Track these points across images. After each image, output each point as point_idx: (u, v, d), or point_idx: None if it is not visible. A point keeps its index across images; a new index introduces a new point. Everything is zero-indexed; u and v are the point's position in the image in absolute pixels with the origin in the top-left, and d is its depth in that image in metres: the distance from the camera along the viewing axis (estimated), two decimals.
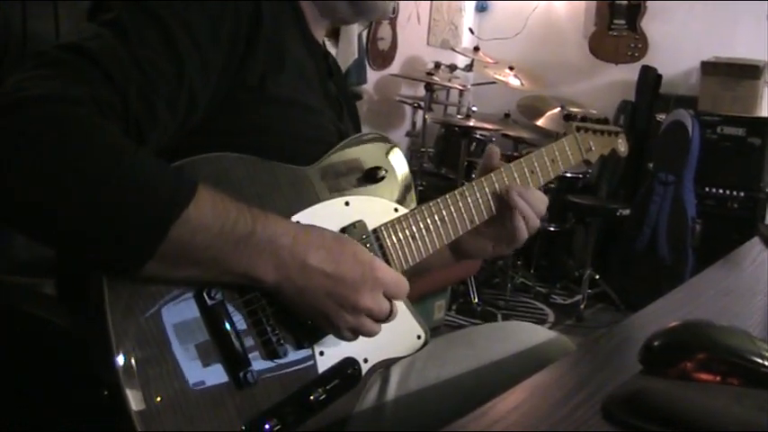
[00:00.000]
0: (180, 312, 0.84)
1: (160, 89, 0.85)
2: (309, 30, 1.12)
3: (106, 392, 0.78)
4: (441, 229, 1.13)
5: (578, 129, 1.38)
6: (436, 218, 1.12)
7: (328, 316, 0.91)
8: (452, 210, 1.15)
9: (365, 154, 1.09)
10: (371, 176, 1.07)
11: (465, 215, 1.16)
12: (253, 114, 0.97)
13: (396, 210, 1.09)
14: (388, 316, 0.94)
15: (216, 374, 0.85)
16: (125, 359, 0.78)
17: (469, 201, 1.17)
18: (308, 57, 1.08)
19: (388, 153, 1.13)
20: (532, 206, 1.20)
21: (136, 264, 0.78)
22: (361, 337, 0.95)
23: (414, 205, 1.14)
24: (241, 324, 0.88)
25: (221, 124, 0.95)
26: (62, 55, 0.81)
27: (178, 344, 0.83)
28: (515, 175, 1.24)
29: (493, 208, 1.20)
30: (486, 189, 1.20)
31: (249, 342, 0.88)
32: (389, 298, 0.95)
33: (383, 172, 1.08)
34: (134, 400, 0.77)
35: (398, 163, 1.13)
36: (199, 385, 0.83)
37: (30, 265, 0.93)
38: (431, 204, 1.13)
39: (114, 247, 0.77)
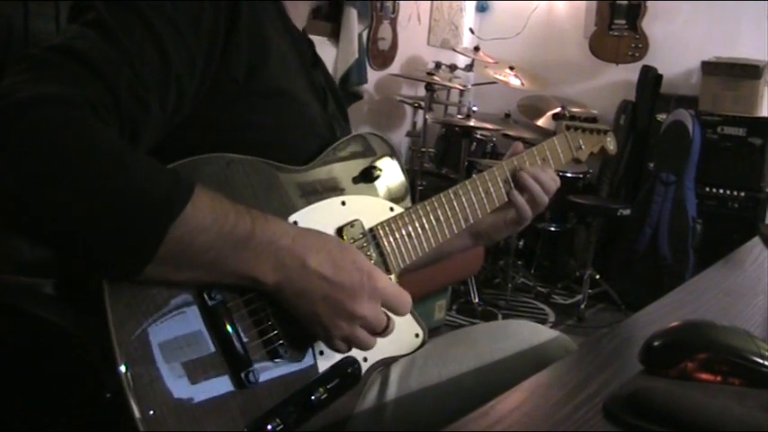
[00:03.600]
0: (181, 314, 0.84)
1: (150, 85, 0.85)
2: (290, 20, 1.11)
3: (108, 395, 0.78)
4: (436, 228, 1.13)
5: (568, 127, 1.40)
6: (431, 217, 1.13)
7: (322, 322, 0.90)
8: (447, 208, 1.15)
9: (362, 150, 1.09)
10: (367, 176, 1.07)
11: (460, 214, 1.17)
12: (242, 109, 0.97)
13: (391, 209, 1.09)
14: (385, 329, 0.93)
15: (217, 375, 0.85)
16: (127, 363, 0.78)
17: (464, 199, 1.18)
18: (291, 47, 1.08)
19: (384, 149, 1.13)
20: (542, 184, 1.25)
21: (135, 267, 0.77)
22: None
23: (409, 201, 1.15)
24: (241, 324, 0.88)
25: (212, 121, 0.95)
26: (51, 56, 0.81)
27: (180, 345, 0.83)
28: (507, 174, 1.25)
29: (487, 206, 1.21)
30: (480, 188, 1.21)
31: (250, 342, 0.88)
32: (388, 311, 0.94)
33: (378, 171, 1.08)
34: (136, 399, 0.77)
35: (394, 160, 1.14)
36: (200, 387, 0.83)
37: (30, 265, 0.93)
38: (426, 203, 1.13)
39: (112, 250, 0.76)
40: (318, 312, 0.89)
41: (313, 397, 0.92)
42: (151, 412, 0.78)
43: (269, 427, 0.86)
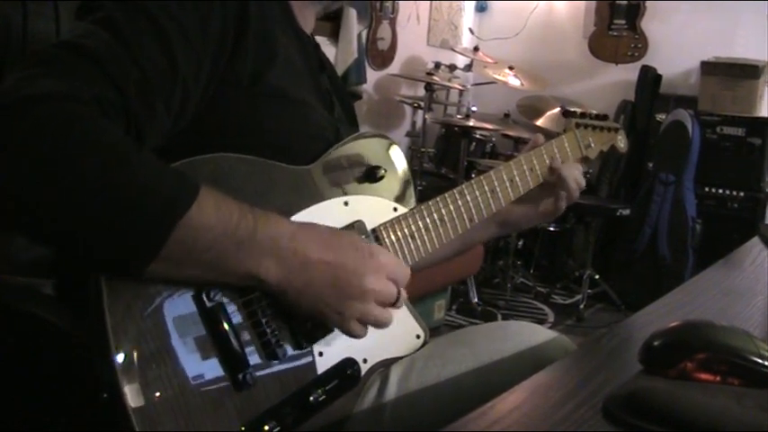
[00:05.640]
0: (178, 314, 0.84)
1: (157, 86, 0.85)
2: (298, 24, 1.12)
3: (105, 395, 0.78)
4: (440, 228, 1.13)
5: (577, 125, 1.38)
6: (435, 217, 1.13)
7: (335, 307, 0.90)
8: (451, 208, 1.15)
9: (365, 150, 1.09)
10: (371, 176, 1.07)
11: (464, 214, 1.16)
12: (247, 112, 0.97)
13: (395, 209, 1.09)
14: (397, 299, 0.94)
15: (215, 376, 0.85)
16: (124, 358, 0.78)
17: (468, 199, 1.17)
18: (298, 51, 1.08)
19: (388, 149, 1.13)
20: (576, 180, 1.30)
21: (138, 265, 0.78)
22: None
23: (413, 201, 1.14)
24: (240, 325, 0.88)
25: (216, 123, 0.95)
26: (60, 53, 0.81)
27: (177, 346, 0.82)
28: (515, 173, 1.25)
29: (492, 206, 1.21)
30: (486, 188, 1.20)
31: (248, 343, 0.88)
32: (394, 282, 0.95)
33: (382, 171, 1.08)
34: (132, 400, 0.77)
35: (398, 159, 1.14)
36: (198, 387, 0.83)
37: (30, 265, 0.93)
38: (430, 203, 1.13)
39: (116, 248, 0.76)
40: (328, 299, 0.89)
41: (311, 398, 0.92)
42: (147, 410, 0.78)
43: (266, 427, 0.86)
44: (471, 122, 3.96)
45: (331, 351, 0.97)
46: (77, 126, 0.75)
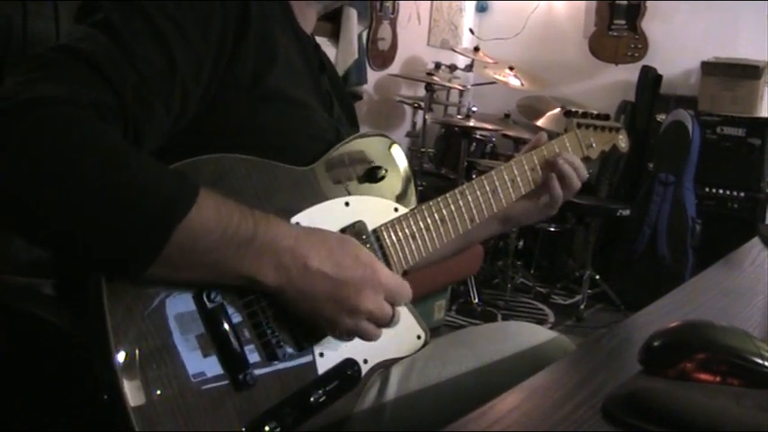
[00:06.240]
0: (179, 315, 0.84)
1: (155, 89, 0.85)
2: (298, 24, 1.11)
3: (105, 395, 0.78)
4: (440, 228, 1.13)
5: (579, 125, 1.38)
6: (436, 217, 1.13)
7: (328, 318, 0.91)
8: (452, 209, 1.15)
9: (365, 150, 1.09)
10: (372, 176, 1.07)
11: (465, 214, 1.17)
12: (246, 113, 0.97)
13: (396, 210, 1.09)
14: (391, 320, 0.94)
15: (215, 376, 0.85)
16: (124, 358, 0.78)
17: (470, 199, 1.17)
18: (298, 52, 1.08)
19: (389, 148, 1.13)
20: (576, 169, 1.28)
21: (138, 268, 0.78)
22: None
23: (414, 201, 1.14)
24: (240, 326, 0.88)
25: (216, 124, 0.95)
26: (57, 57, 0.81)
27: (177, 346, 0.82)
28: (516, 173, 1.25)
29: (494, 206, 1.21)
30: (487, 188, 1.20)
31: (248, 344, 0.88)
32: (391, 303, 0.95)
33: (383, 171, 1.08)
34: (132, 400, 0.77)
35: (398, 159, 1.14)
36: (198, 387, 0.83)
37: (30, 265, 0.93)
38: (431, 204, 1.13)
39: (116, 249, 0.76)
40: (323, 310, 0.90)
41: (311, 398, 0.92)
42: (147, 410, 0.78)
43: (266, 428, 0.86)
44: (471, 123, 3.96)
45: (331, 352, 0.97)
46: (76, 129, 0.75)
